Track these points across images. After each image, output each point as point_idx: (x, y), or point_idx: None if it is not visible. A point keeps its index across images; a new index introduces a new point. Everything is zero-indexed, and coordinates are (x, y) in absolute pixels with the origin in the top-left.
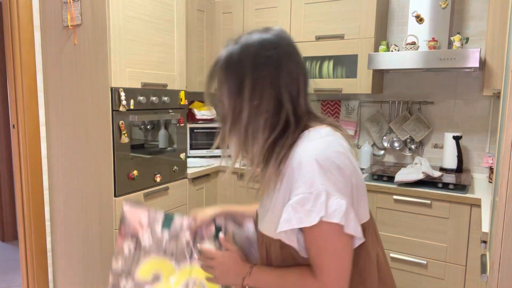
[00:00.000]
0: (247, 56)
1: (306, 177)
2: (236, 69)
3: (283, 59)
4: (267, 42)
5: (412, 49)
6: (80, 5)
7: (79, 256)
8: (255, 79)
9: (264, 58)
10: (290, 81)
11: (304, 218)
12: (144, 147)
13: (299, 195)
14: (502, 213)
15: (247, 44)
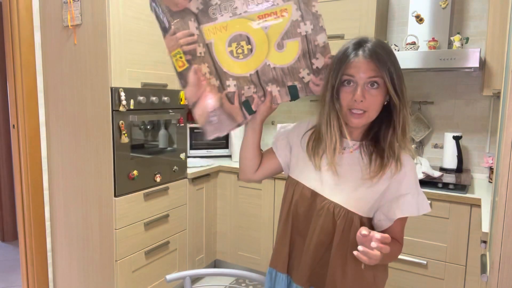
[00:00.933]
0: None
1: (416, 179)
2: (395, 66)
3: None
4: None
5: (412, 49)
6: (80, 5)
7: (79, 256)
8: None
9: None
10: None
11: (420, 209)
12: (144, 147)
13: (416, 193)
14: (502, 213)
15: (387, 45)
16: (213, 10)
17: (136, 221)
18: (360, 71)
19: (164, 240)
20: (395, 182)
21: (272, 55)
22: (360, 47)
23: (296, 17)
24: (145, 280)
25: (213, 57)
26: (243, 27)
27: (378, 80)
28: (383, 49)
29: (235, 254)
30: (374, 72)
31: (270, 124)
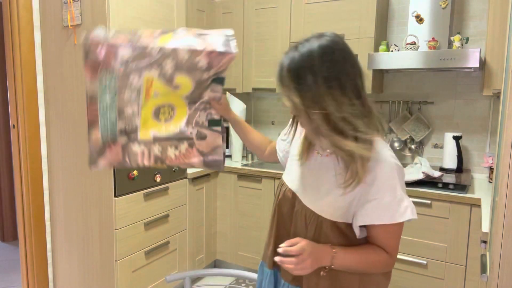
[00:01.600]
0: (311, 62)
1: (390, 182)
2: (305, 75)
3: (339, 61)
4: (325, 48)
5: (412, 49)
6: (80, 5)
7: (79, 256)
8: (325, 82)
9: (326, 62)
10: (350, 83)
11: (393, 217)
12: None
13: (385, 199)
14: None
15: (310, 51)
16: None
17: (136, 221)
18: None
19: (164, 240)
20: (364, 186)
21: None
22: (281, 61)
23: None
24: (145, 280)
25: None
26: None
27: (293, 92)
28: (290, 69)
29: (235, 254)
30: (284, 87)
31: (271, 124)
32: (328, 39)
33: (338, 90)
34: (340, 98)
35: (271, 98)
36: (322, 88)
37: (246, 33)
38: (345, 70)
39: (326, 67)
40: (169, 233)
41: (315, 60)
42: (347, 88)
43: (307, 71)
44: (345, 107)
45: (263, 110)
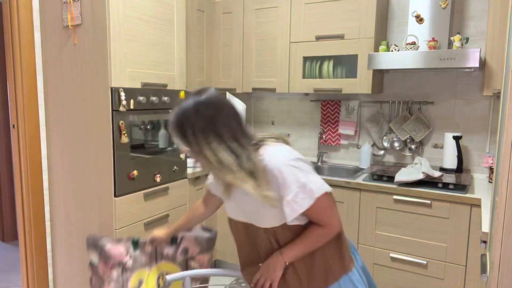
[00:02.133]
0: (191, 118)
1: (291, 178)
2: (186, 130)
3: (217, 114)
4: (203, 104)
5: (412, 49)
6: (80, 5)
7: (79, 256)
8: (204, 134)
9: (204, 117)
10: (226, 129)
11: (304, 202)
12: (144, 147)
13: (292, 192)
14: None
15: (188, 108)
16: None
17: (136, 221)
18: None
19: None
20: (276, 192)
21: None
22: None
23: None
24: None
25: None
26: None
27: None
28: (174, 126)
29: (235, 254)
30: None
31: (271, 124)
32: (203, 97)
33: (215, 139)
34: (217, 147)
35: (271, 98)
36: (201, 139)
37: (246, 33)
38: (219, 121)
39: (201, 122)
40: None
41: (191, 117)
42: (224, 135)
43: (186, 126)
44: (222, 153)
45: (263, 110)
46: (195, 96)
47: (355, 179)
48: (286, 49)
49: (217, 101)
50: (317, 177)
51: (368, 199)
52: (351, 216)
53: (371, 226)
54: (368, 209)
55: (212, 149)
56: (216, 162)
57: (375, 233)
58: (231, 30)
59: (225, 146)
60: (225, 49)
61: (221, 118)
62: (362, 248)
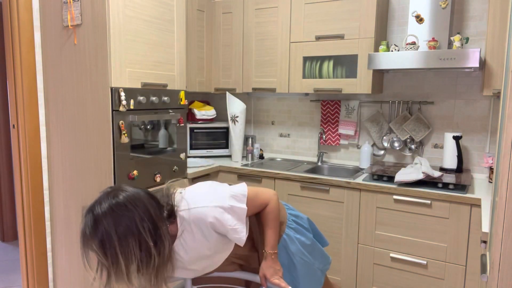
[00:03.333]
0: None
1: (216, 214)
2: (101, 238)
3: (134, 213)
4: (118, 206)
5: (412, 49)
6: (80, 5)
7: (79, 256)
8: (121, 236)
9: (121, 219)
10: (145, 228)
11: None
12: (144, 147)
13: (228, 220)
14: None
15: (102, 213)
16: None
17: None
18: None
19: None
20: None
21: None
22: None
23: None
24: None
25: None
26: None
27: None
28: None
29: None
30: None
31: (271, 124)
32: (121, 198)
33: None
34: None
35: (271, 98)
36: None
37: (246, 33)
38: (135, 219)
39: (118, 224)
40: None
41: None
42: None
43: (102, 235)
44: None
45: (263, 110)
46: (110, 199)
47: (355, 179)
48: (286, 49)
49: (131, 199)
50: (226, 186)
51: (368, 199)
52: (351, 216)
53: (371, 226)
54: (368, 209)
55: (127, 250)
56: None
57: (375, 233)
58: (231, 30)
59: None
60: (225, 49)
61: (142, 215)
62: (362, 248)
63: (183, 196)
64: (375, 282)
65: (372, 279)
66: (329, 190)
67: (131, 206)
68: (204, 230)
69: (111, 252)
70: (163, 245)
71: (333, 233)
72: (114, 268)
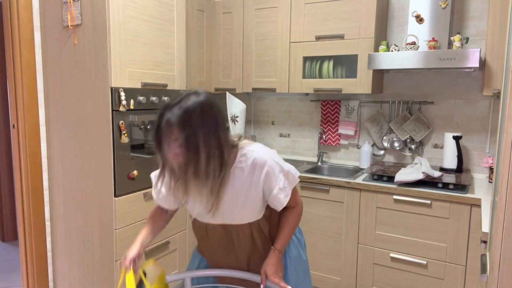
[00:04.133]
0: (195, 117)
1: (277, 168)
2: (190, 127)
3: (216, 114)
4: (204, 104)
5: (412, 49)
6: (80, 5)
7: (79, 256)
8: (205, 134)
9: (206, 116)
10: (223, 133)
11: (288, 188)
12: (144, 147)
13: (281, 180)
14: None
15: (192, 106)
16: None
17: (136, 221)
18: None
19: (164, 240)
20: (259, 185)
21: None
22: (161, 117)
23: None
24: None
25: None
26: None
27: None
28: (175, 120)
29: None
30: (170, 139)
31: (271, 124)
32: (204, 98)
33: (214, 143)
34: (213, 151)
35: (271, 98)
36: (201, 140)
37: (246, 33)
38: (220, 124)
39: (206, 122)
40: (169, 233)
41: (197, 116)
42: (221, 139)
43: (192, 125)
44: (213, 159)
45: (263, 110)
46: (195, 96)
47: (355, 179)
48: (286, 49)
49: (216, 103)
50: (290, 165)
51: (368, 199)
52: (351, 216)
53: (371, 226)
54: (368, 209)
55: (207, 153)
56: (204, 167)
57: (375, 233)
58: (231, 30)
59: (218, 152)
60: (225, 49)
61: (221, 120)
62: (362, 248)
63: (250, 143)
64: (375, 282)
65: (372, 279)
66: (329, 190)
67: (216, 108)
68: (255, 174)
69: (194, 145)
70: (230, 157)
71: (333, 233)
72: (191, 164)
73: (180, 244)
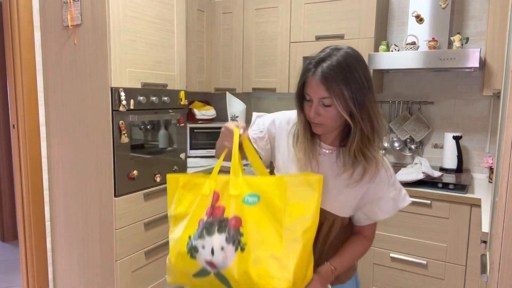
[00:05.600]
0: (358, 71)
1: (391, 180)
2: (354, 82)
3: (367, 69)
4: (359, 58)
5: (412, 49)
6: (80, 5)
7: (79, 256)
8: (370, 90)
9: (366, 71)
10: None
11: (396, 206)
12: (144, 147)
13: (391, 194)
14: (502, 213)
15: (350, 60)
16: None
17: (136, 221)
18: (312, 92)
19: (164, 240)
20: (373, 185)
21: None
22: (318, 65)
23: None
24: (145, 280)
25: None
26: None
27: (328, 101)
28: (338, 69)
29: None
30: (324, 93)
31: None
32: (352, 50)
33: (373, 97)
34: (375, 107)
35: (271, 98)
36: (368, 94)
37: (246, 33)
38: (370, 79)
39: (365, 74)
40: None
41: (358, 63)
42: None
43: (356, 70)
44: (378, 117)
45: (263, 110)
46: (346, 49)
47: None
48: (286, 49)
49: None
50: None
51: None
52: None
53: None
54: None
55: (373, 108)
56: (370, 124)
57: (375, 233)
58: (231, 30)
59: (377, 118)
60: (225, 49)
61: (370, 78)
62: None
63: None
64: (375, 282)
65: (372, 279)
66: None
67: (361, 60)
68: (371, 171)
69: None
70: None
71: None
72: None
73: None
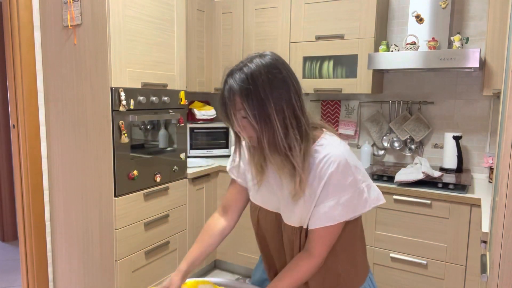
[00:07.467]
0: (261, 82)
1: (348, 179)
2: (256, 95)
3: (287, 78)
4: (271, 67)
5: (412, 49)
6: (80, 5)
7: (79, 256)
8: (275, 101)
9: (275, 81)
10: (296, 96)
11: (358, 208)
12: (144, 147)
13: (346, 195)
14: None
15: (256, 71)
16: None
17: (136, 221)
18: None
19: (164, 240)
20: (322, 186)
21: None
22: (228, 78)
23: None
24: (145, 280)
25: None
26: None
27: (243, 112)
28: (242, 82)
29: (235, 254)
30: (234, 107)
31: None
32: (270, 58)
33: (287, 107)
34: (288, 116)
35: None
36: (272, 102)
37: (246, 33)
38: (291, 86)
39: (275, 83)
40: (169, 233)
41: (263, 76)
42: (296, 105)
43: (258, 85)
44: (290, 127)
45: None
46: (260, 58)
47: None
48: (286, 49)
49: (286, 65)
50: (376, 190)
51: None
52: None
53: (371, 226)
54: None
55: (282, 122)
56: (282, 134)
57: (375, 233)
58: (231, 30)
59: (296, 122)
60: (225, 49)
61: (294, 85)
62: None
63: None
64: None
65: None
66: None
67: (286, 72)
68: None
69: (264, 115)
70: (310, 129)
71: None
72: (266, 137)
73: (180, 244)
